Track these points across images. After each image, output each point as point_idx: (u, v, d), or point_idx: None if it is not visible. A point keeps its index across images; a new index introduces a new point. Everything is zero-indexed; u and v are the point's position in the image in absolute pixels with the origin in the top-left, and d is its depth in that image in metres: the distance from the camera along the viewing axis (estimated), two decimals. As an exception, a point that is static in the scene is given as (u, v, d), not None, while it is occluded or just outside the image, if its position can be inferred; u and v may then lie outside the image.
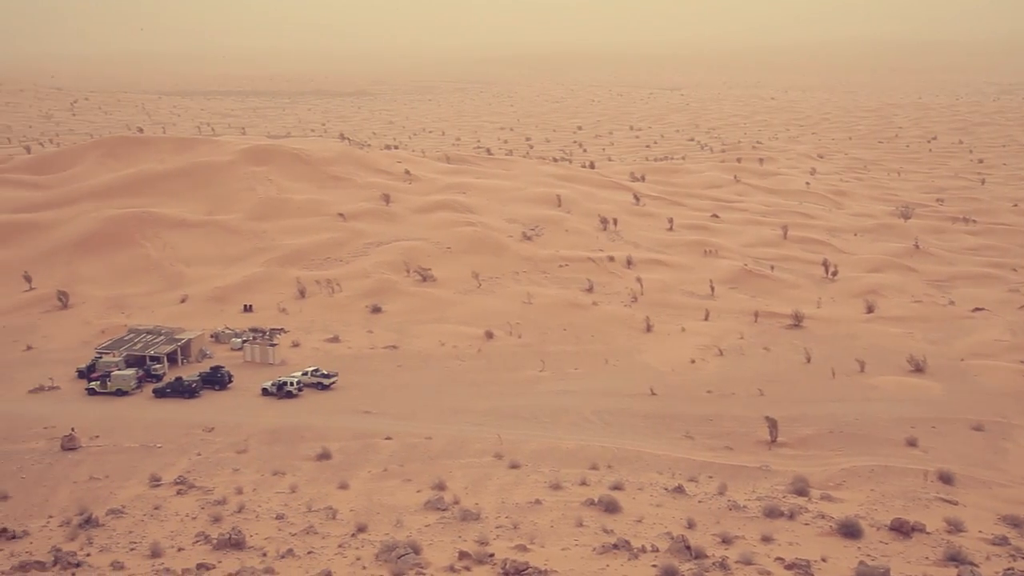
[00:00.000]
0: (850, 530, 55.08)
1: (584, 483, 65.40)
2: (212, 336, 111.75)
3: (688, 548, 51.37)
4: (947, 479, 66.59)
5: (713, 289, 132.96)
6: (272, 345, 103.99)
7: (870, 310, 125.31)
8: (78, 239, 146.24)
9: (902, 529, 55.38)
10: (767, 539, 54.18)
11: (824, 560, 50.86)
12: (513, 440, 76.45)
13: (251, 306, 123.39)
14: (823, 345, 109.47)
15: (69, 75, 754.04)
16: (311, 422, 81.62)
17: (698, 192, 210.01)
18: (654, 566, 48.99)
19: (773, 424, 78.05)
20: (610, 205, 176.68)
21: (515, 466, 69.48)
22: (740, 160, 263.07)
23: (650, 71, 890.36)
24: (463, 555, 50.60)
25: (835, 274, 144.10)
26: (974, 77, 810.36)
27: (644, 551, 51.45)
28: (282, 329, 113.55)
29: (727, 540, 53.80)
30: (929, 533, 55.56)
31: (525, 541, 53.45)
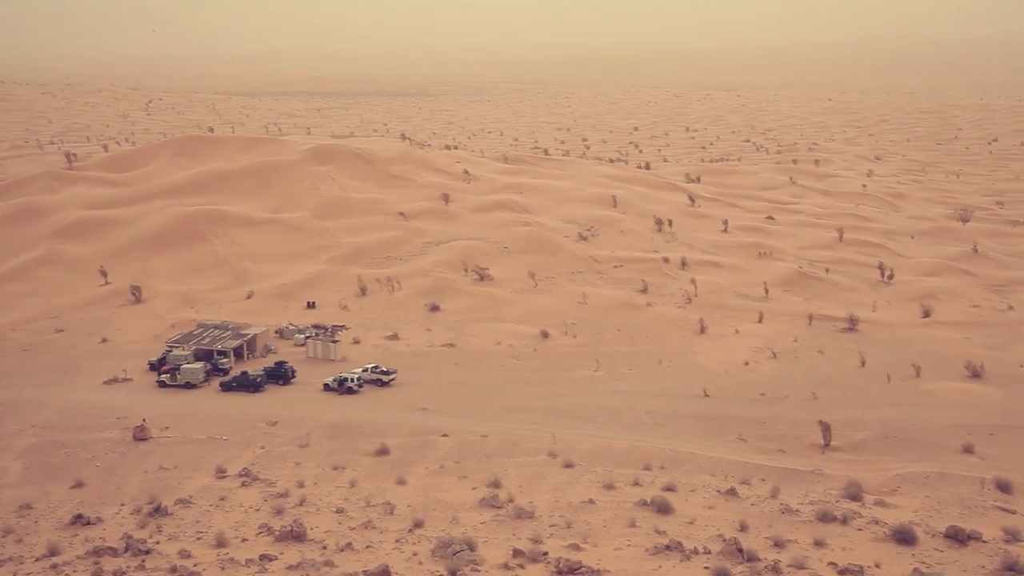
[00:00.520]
0: (904, 537, 53.94)
1: (637, 483, 64.95)
2: (276, 332, 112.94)
3: (740, 551, 50.75)
4: (1005, 487, 64.88)
5: (767, 291, 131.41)
6: (334, 342, 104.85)
7: (926, 314, 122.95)
8: (151, 235, 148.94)
9: (958, 537, 54.16)
10: (820, 544, 53.29)
11: (878, 566, 49.92)
12: (567, 439, 76.26)
13: (314, 303, 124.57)
14: (878, 349, 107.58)
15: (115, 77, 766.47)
16: (370, 418, 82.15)
17: (753, 194, 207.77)
18: (706, 568, 48.45)
19: (827, 428, 76.94)
20: (665, 206, 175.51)
21: (569, 465, 69.24)
22: (796, 162, 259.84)
23: (708, 72, 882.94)
24: (517, 553, 50.48)
25: (891, 277, 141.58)
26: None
27: (696, 553, 50.91)
28: (343, 326, 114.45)
29: (779, 544, 53.04)
30: (985, 542, 54.22)
31: (578, 540, 53.18)
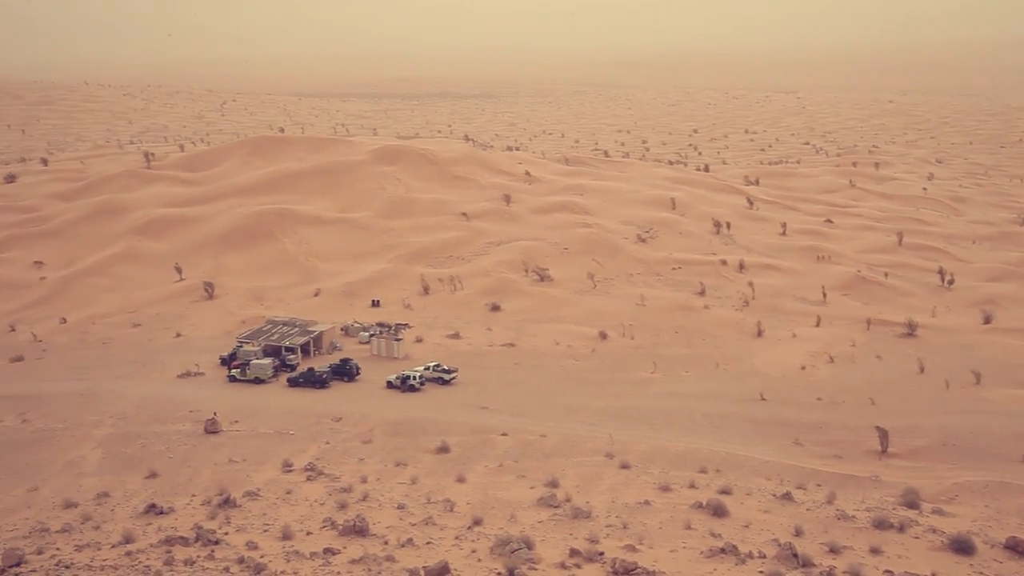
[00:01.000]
0: (962, 546, 52.71)
1: (693, 486, 64.47)
2: (342, 329, 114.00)
3: (795, 556, 50.09)
4: (1065, 498, 63.37)
5: (825, 295, 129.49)
6: (397, 340, 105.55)
7: (987, 320, 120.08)
8: (224, 233, 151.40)
9: (1017, 548, 52.81)
10: (876, 551, 52.39)
11: (934, 576, 49.08)
12: (624, 440, 75.93)
13: (378, 301, 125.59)
14: (937, 355, 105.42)
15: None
16: (432, 416, 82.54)
17: (812, 197, 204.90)
18: (761, 572, 47.90)
19: (884, 434, 75.55)
20: (723, 209, 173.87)
21: (625, 466, 68.96)
22: (855, 164, 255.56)
23: (768, 74, 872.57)
24: (574, 552, 50.37)
25: (951, 282, 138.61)
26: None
27: (751, 557, 50.38)
28: (407, 324, 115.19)
29: (835, 550, 52.23)
30: (1045, 553, 53.01)
31: (634, 541, 52.93)
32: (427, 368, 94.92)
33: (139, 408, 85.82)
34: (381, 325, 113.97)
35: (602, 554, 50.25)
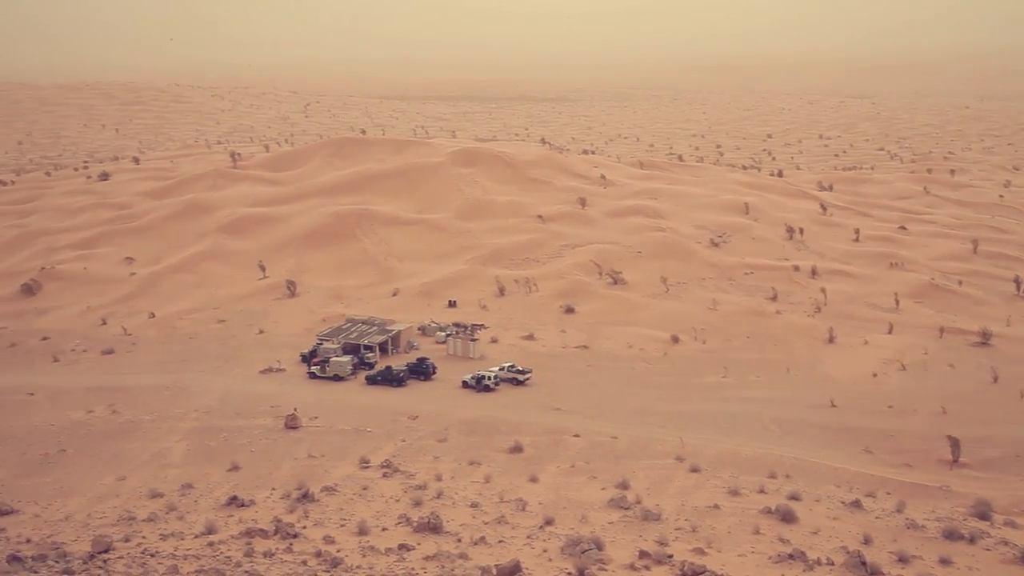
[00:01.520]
0: (1034, 560, 51.79)
1: (762, 491, 64.07)
2: (419, 329, 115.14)
3: (864, 564, 49.56)
4: None
5: (898, 302, 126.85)
6: (473, 340, 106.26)
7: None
8: (306, 232, 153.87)
9: (1090, 564, 51.63)
10: (945, 561, 51.56)
11: (1005, 589, 48.14)
12: (694, 444, 75.69)
13: (455, 302, 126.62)
14: (1012, 365, 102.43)
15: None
16: (506, 416, 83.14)
17: (886, 203, 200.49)
18: (829, 580, 47.70)
19: (956, 444, 74.04)
20: (797, 214, 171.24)
21: (695, 470, 68.81)
22: (931, 171, 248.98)
23: (842, 79, 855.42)
24: (643, 554, 50.50)
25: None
26: None
27: (819, 563, 50.01)
28: (482, 325, 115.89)
29: (904, 559, 51.53)
30: (1120, 571, 51.57)
31: (703, 545, 52.88)
32: (502, 368, 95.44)
33: (223, 402, 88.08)
34: (457, 325, 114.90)
35: (671, 556, 50.33)
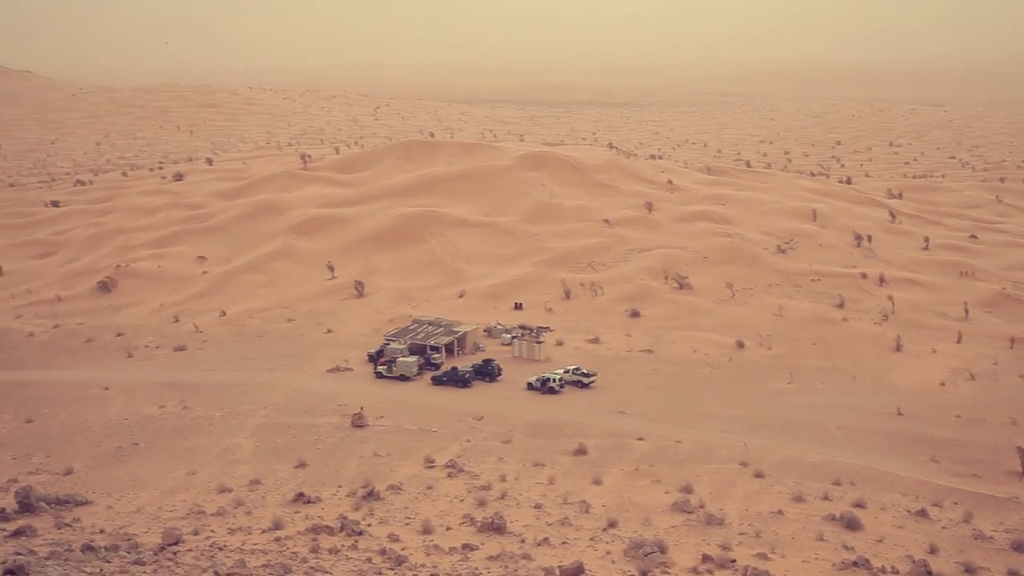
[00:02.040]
0: (1109, 576, 50.17)
1: (826, 498, 63.31)
2: (485, 331, 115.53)
3: (929, 573, 48.70)
4: None
5: (967, 312, 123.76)
6: (538, 343, 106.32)
7: None
8: (375, 234, 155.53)
9: None
10: (1013, 573, 50.55)
11: (1077, 605, 46.67)
12: (758, 449, 74.92)
13: (521, 304, 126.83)
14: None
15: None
16: (570, 418, 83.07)
17: (956, 211, 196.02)
18: (896, 590, 46.80)
19: (1026, 455, 72.22)
20: (865, 221, 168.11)
21: (760, 475, 68.13)
22: (1003, 180, 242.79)
23: (913, 86, 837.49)
24: (706, 558, 50.09)
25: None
26: None
27: (884, 572, 49.22)
28: (548, 328, 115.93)
29: (971, 570, 50.55)
30: None
31: (766, 550, 52.29)
32: (567, 371, 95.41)
33: (291, 400, 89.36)
34: (523, 327, 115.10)
35: (734, 561, 49.87)
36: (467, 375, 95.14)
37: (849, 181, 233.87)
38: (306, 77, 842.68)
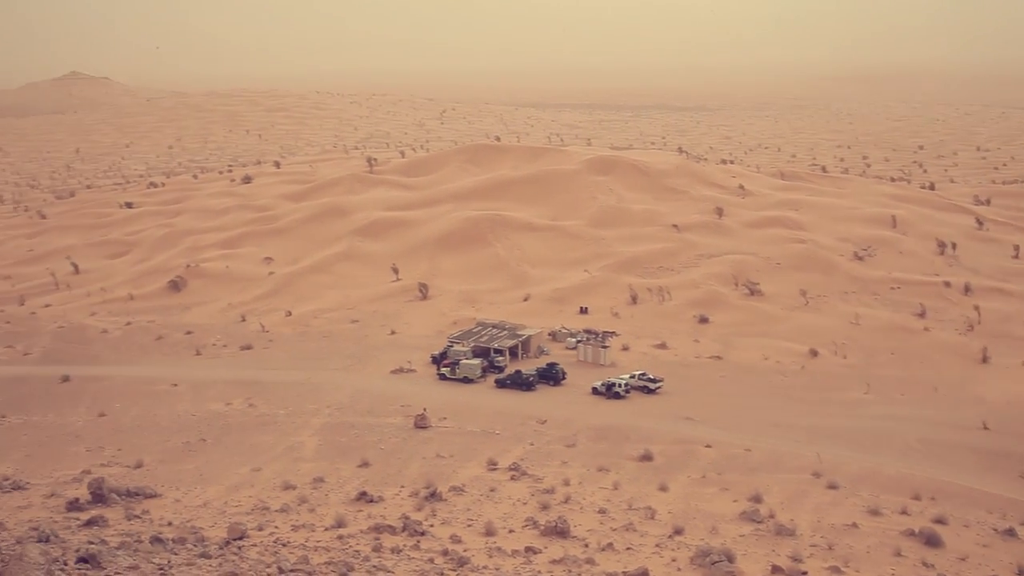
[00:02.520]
0: None
1: (904, 512, 61.60)
2: (550, 334, 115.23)
3: (1018, 595, 47.11)
4: None
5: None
6: (604, 347, 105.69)
7: None
8: (439, 237, 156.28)
9: None
10: (1106, 598, 48.56)
11: None
12: (832, 460, 73.26)
13: (587, 308, 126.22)
14: None
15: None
16: (636, 424, 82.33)
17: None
18: (979, 610, 45.32)
19: (1123, 475, 69.57)
20: (949, 228, 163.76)
21: (833, 487, 66.64)
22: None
23: (1003, 89, 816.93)
24: (776, 569, 49.20)
25: None
26: None
27: (968, 592, 47.78)
28: (614, 332, 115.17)
29: (1062, 593, 48.77)
30: None
31: (839, 563, 51.13)
32: (632, 376, 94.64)
33: (354, 400, 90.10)
34: (588, 332, 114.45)
35: (805, 573, 48.99)
36: (531, 378, 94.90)
37: (932, 187, 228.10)
38: (370, 80, 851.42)
